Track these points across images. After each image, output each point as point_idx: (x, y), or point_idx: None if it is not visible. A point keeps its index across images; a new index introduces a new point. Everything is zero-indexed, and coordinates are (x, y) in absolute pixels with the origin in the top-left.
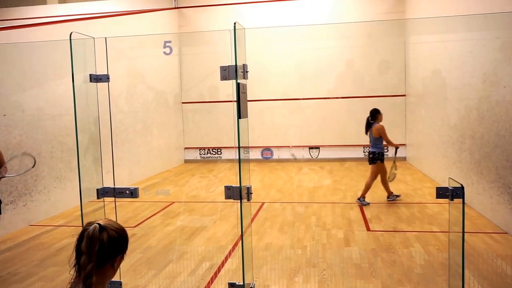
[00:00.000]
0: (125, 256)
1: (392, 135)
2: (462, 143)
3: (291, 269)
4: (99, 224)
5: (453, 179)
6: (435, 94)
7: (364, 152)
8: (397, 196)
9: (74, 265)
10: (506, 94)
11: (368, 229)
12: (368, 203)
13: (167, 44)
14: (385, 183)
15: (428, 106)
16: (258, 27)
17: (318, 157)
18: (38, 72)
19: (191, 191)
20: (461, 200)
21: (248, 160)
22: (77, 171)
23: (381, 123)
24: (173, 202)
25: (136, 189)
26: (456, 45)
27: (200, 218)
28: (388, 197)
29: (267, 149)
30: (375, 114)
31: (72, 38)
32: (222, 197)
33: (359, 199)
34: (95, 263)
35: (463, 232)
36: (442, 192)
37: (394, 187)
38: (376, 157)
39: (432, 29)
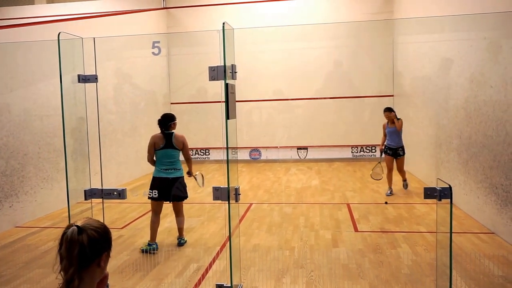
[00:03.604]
0: (110, 252)
1: (380, 136)
2: (449, 143)
3: (278, 270)
4: (77, 226)
5: (441, 180)
6: (422, 94)
7: (352, 152)
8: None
9: (60, 270)
10: (493, 94)
11: (356, 229)
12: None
13: (156, 45)
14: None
15: (416, 106)
16: (247, 27)
17: (306, 157)
18: (26, 73)
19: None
20: (448, 200)
21: (236, 161)
22: (65, 172)
23: None
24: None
25: (124, 190)
26: (443, 45)
27: (188, 219)
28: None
29: (255, 149)
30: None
31: (60, 38)
32: (210, 198)
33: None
34: (76, 267)
35: (451, 233)
36: (430, 193)
37: (382, 188)
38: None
39: (420, 30)
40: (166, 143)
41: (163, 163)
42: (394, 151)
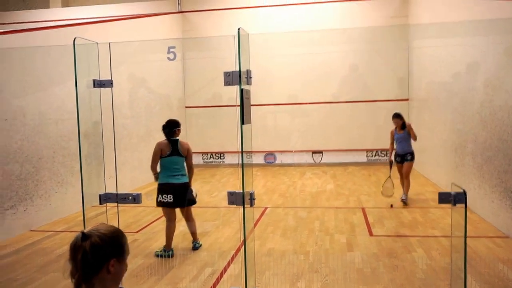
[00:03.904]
0: (124, 257)
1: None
2: (464, 147)
3: (293, 275)
4: (82, 232)
5: (455, 185)
6: (438, 99)
7: (367, 156)
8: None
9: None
10: (508, 99)
11: (370, 234)
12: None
13: (171, 50)
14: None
15: (431, 110)
16: (262, 31)
17: (321, 161)
18: (41, 76)
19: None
20: (463, 205)
21: (251, 165)
22: (79, 176)
23: None
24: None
25: (139, 195)
26: (459, 49)
27: (202, 223)
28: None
29: (270, 153)
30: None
31: (75, 43)
32: (224, 202)
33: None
34: (81, 272)
35: (465, 237)
36: (444, 198)
37: (397, 192)
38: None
39: (436, 34)
40: (172, 150)
41: (170, 169)
42: (403, 157)
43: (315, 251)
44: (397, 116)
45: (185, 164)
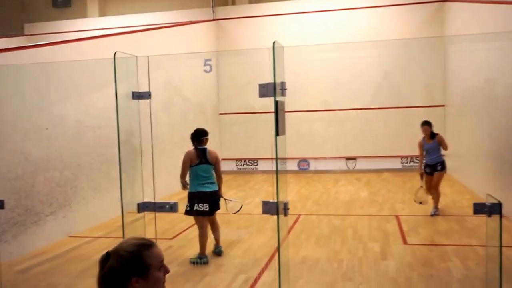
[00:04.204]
0: (148, 274)
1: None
2: (502, 155)
3: (327, 283)
4: (106, 252)
5: (490, 195)
6: (475, 105)
7: (402, 163)
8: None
9: None
10: None
11: (405, 242)
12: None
13: (207, 62)
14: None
15: (468, 116)
16: (295, 38)
17: (355, 168)
18: (79, 85)
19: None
20: (498, 216)
21: (285, 172)
22: (116, 182)
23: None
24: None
25: (175, 204)
26: (496, 55)
27: (237, 230)
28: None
29: (303, 160)
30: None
31: (116, 56)
32: (258, 209)
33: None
34: None
35: (501, 247)
36: (479, 208)
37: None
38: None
39: (473, 39)
40: (201, 159)
41: (200, 178)
42: (433, 168)
43: (348, 259)
44: (426, 124)
45: (213, 172)
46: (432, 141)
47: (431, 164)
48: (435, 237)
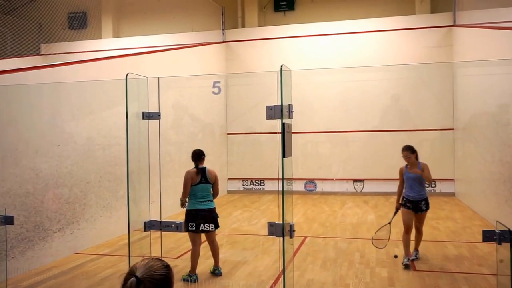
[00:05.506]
0: None
1: (440, 170)
2: None
3: None
4: (136, 276)
5: (500, 223)
6: (484, 130)
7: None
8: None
9: None
10: None
11: (414, 268)
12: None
13: (216, 84)
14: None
15: (478, 141)
16: (303, 60)
17: (363, 190)
18: (91, 104)
19: (233, 223)
20: (509, 244)
21: (291, 193)
22: (123, 201)
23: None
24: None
25: (181, 223)
26: (506, 79)
27: (242, 252)
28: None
29: (310, 181)
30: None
31: (127, 78)
32: (264, 230)
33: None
34: None
35: (511, 276)
36: (489, 236)
37: (442, 224)
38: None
39: (482, 63)
40: (201, 178)
41: (198, 196)
42: (415, 205)
43: (355, 284)
44: (407, 149)
45: (211, 190)
46: (415, 170)
47: (414, 200)
48: (445, 264)
